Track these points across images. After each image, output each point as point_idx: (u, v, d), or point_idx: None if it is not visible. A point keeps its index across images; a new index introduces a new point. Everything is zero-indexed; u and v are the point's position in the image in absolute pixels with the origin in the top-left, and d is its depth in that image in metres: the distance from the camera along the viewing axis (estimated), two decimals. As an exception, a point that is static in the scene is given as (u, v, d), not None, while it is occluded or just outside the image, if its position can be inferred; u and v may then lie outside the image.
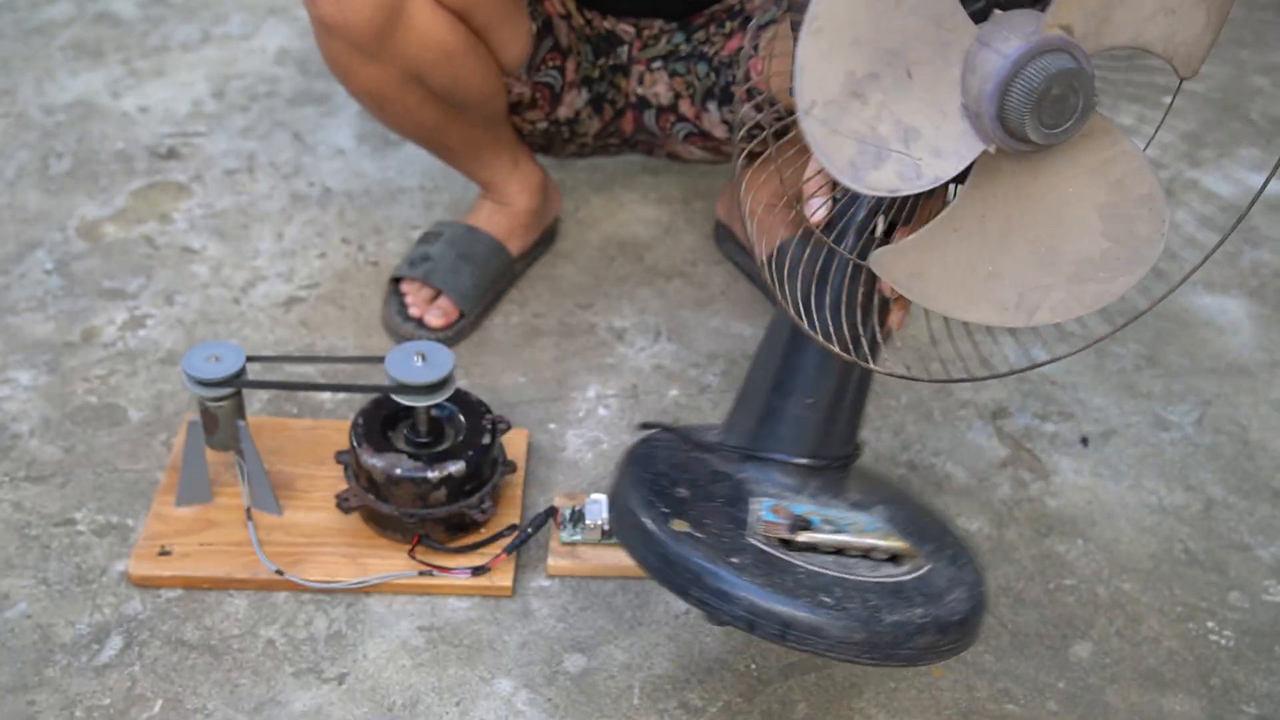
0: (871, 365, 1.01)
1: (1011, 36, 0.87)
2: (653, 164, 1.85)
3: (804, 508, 1.02)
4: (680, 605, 1.26)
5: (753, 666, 1.22)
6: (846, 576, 0.98)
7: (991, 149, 0.90)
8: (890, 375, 1.01)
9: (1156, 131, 1.04)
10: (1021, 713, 1.19)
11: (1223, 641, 1.26)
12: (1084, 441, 1.30)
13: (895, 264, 0.95)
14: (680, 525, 0.99)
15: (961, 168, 0.90)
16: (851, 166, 0.89)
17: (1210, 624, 1.27)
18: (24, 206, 1.73)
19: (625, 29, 1.56)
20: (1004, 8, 0.90)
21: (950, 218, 0.93)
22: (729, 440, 1.07)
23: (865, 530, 1.01)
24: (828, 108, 0.88)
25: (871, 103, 0.88)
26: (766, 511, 1.01)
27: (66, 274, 1.63)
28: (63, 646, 1.21)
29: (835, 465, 1.06)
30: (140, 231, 1.70)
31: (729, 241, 1.69)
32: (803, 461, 1.05)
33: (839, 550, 1.01)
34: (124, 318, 1.57)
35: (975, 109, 0.88)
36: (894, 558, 1.02)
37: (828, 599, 0.95)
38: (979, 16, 0.90)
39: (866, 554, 1.01)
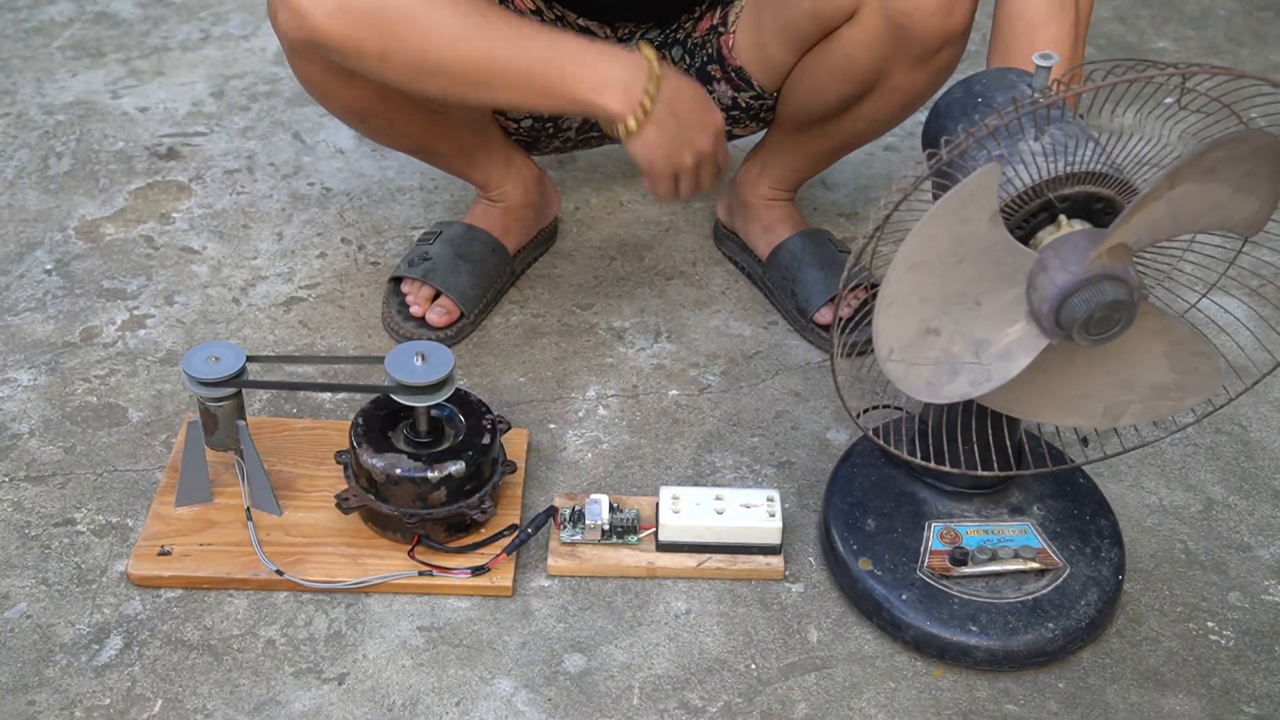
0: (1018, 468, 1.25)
1: (1064, 266, 1.00)
2: (653, 164, 1.84)
3: (967, 525, 1.25)
4: (680, 605, 1.26)
5: (753, 666, 1.22)
6: (993, 601, 1.21)
7: (1054, 343, 1.04)
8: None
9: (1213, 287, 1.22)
10: (1021, 713, 1.19)
11: (1223, 641, 1.26)
12: (1084, 442, 1.30)
13: (994, 397, 1.12)
14: (865, 564, 1.24)
15: (1027, 363, 1.05)
16: (929, 385, 1.06)
17: (1210, 624, 1.27)
18: (24, 206, 1.73)
19: (601, 26, 1.56)
20: (1072, 211, 1.04)
21: (1041, 361, 1.07)
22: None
23: (1016, 549, 1.23)
24: (904, 350, 1.05)
25: (944, 333, 1.05)
26: (935, 539, 1.24)
27: (66, 274, 1.63)
28: (63, 646, 1.21)
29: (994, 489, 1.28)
30: (140, 231, 1.70)
31: (729, 241, 1.69)
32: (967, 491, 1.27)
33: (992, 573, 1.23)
34: (124, 318, 1.57)
35: (1037, 316, 1.03)
36: (1038, 571, 1.23)
37: (975, 626, 1.19)
38: (1069, 208, 1.03)
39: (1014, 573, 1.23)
